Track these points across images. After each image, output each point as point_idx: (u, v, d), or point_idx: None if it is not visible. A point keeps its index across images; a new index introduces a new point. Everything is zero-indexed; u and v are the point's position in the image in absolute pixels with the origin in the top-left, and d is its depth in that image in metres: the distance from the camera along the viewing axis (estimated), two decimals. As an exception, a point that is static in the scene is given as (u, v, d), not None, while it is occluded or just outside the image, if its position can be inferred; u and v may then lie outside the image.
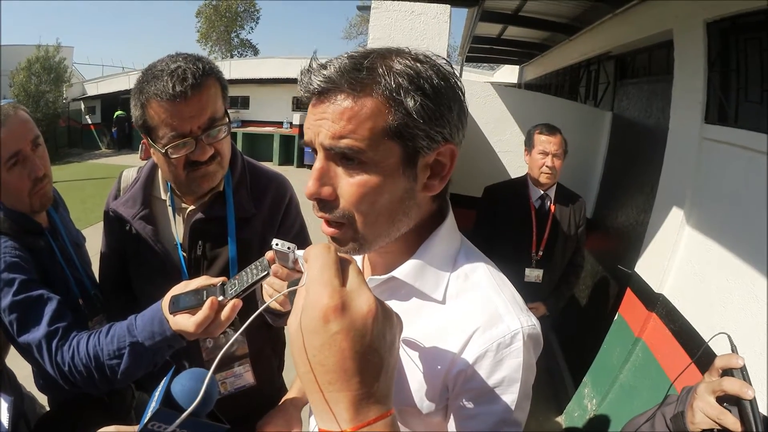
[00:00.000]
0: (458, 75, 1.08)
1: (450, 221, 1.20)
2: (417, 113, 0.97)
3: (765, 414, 1.41)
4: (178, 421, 1.06)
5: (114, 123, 31.84)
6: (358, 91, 0.97)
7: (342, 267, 0.81)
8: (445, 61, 1.06)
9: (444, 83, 1.01)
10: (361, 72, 0.97)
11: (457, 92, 1.05)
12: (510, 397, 1.07)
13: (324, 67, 1.00)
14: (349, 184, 1.01)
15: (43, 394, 2.21)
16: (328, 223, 1.08)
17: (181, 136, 1.77)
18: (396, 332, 0.84)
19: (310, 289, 0.78)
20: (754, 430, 1.26)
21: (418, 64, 1.00)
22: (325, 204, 1.05)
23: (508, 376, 1.06)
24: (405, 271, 1.14)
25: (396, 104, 0.97)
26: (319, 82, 0.99)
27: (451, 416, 1.14)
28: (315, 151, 1.05)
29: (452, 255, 1.18)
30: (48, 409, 2.28)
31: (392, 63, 0.99)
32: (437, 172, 1.07)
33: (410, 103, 0.97)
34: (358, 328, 0.74)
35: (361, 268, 1.34)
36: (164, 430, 1.20)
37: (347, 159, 1.00)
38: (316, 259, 0.80)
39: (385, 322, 0.79)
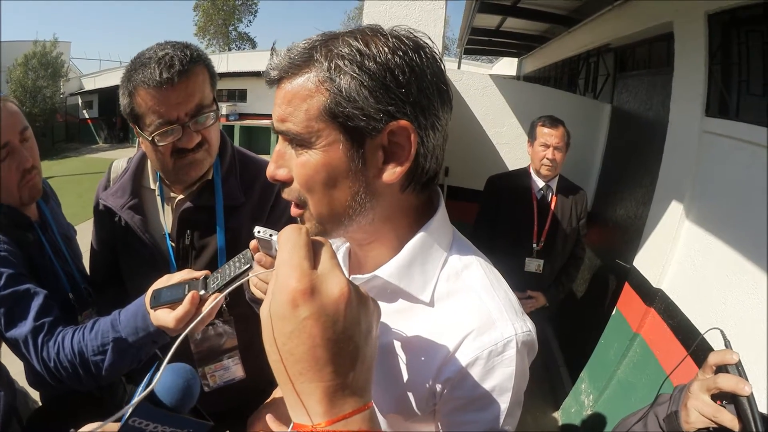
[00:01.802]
0: (432, 48, 1.02)
1: (441, 215, 1.13)
2: (349, 91, 0.92)
3: (766, 412, 1.37)
4: (133, 403, 1.02)
5: (118, 115, 32.22)
6: (295, 75, 0.96)
7: (315, 249, 0.77)
8: (419, 37, 1.00)
9: (399, 59, 0.94)
10: (300, 57, 0.96)
11: (420, 68, 0.96)
12: (501, 406, 1.02)
13: (276, 56, 1.00)
14: (296, 166, 0.98)
15: (35, 390, 2.18)
16: (293, 204, 1.05)
17: (168, 123, 1.75)
18: (373, 320, 0.80)
19: (279, 272, 0.74)
20: (753, 427, 1.22)
21: (371, 41, 0.95)
22: (284, 186, 1.03)
23: (499, 385, 1.02)
24: (389, 270, 1.07)
25: (330, 84, 0.93)
26: (271, 72, 1.00)
27: (439, 423, 1.10)
28: None
29: (442, 252, 1.11)
30: (40, 404, 2.25)
31: (335, 45, 0.95)
32: (396, 156, 0.98)
33: (343, 81, 0.92)
34: (329, 313, 0.70)
35: (346, 266, 1.30)
36: (146, 426, 1.17)
37: (294, 142, 0.98)
38: (286, 241, 0.77)
39: (359, 307, 0.75)
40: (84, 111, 36.31)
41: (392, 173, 0.98)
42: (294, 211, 1.05)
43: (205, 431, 1.32)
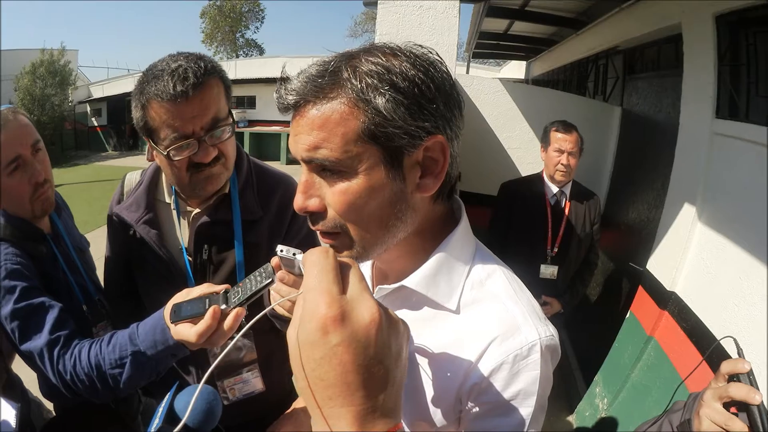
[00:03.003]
0: (445, 63, 1.01)
1: (464, 225, 1.14)
2: (388, 111, 0.91)
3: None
4: None
5: (127, 123, 32.37)
6: (323, 99, 0.93)
7: (342, 272, 0.77)
8: (428, 51, 1.00)
9: (423, 74, 0.94)
10: (324, 78, 0.93)
11: (440, 82, 0.98)
12: (526, 410, 1.02)
13: (292, 80, 0.97)
14: (333, 194, 0.96)
15: (48, 401, 2.19)
16: (323, 234, 1.03)
17: (184, 138, 1.72)
18: (402, 342, 0.79)
19: (307, 297, 0.74)
20: None
21: (391, 59, 0.95)
22: (316, 216, 1.01)
23: (525, 389, 1.02)
24: (416, 279, 1.08)
25: (365, 105, 0.91)
26: (288, 96, 0.96)
27: (463, 430, 1.09)
28: None
29: (466, 261, 1.12)
30: (54, 414, 2.26)
31: (359, 63, 0.94)
32: (430, 170, 1.00)
33: (380, 101, 0.91)
34: (360, 339, 0.70)
35: (371, 276, 1.29)
36: None
37: (327, 169, 0.96)
38: (313, 265, 0.76)
39: (390, 331, 0.75)
40: (93, 119, 36.50)
41: (428, 186, 1.00)
42: (324, 240, 1.04)
43: None
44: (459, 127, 1.03)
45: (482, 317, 1.06)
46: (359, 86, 0.91)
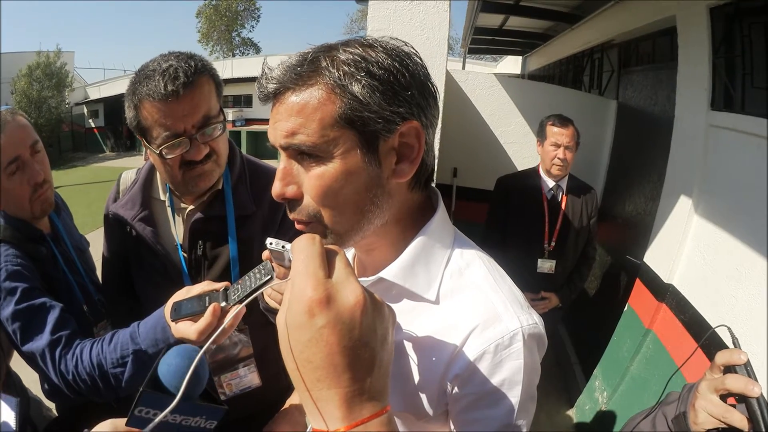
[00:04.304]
0: (419, 55, 1.05)
1: (441, 214, 1.15)
2: (364, 96, 0.94)
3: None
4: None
5: (124, 123, 32.42)
6: (302, 86, 0.96)
7: (329, 258, 0.78)
8: (403, 43, 1.03)
9: (398, 64, 0.98)
10: (303, 66, 0.96)
11: (414, 71, 1.01)
12: (512, 400, 1.03)
13: (273, 70, 1.00)
14: (309, 178, 0.99)
15: (50, 401, 2.19)
16: (298, 222, 1.05)
17: (175, 136, 1.74)
18: (388, 325, 0.80)
19: (294, 282, 0.75)
20: (764, 427, 1.20)
21: (368, 50, 0.98)
22: (294, 204, 1.03)
23: (509, 378, 1.02)
24: (393, 271, 1.09)
25: (342, 91, 0.94)
26: (268, 85, 0.99)
27: (452, 423, 1.10)
28: None
29: (445, 250, 1.13)
30: (55, 412, 2.26)
31: (337, 53, 0.97)
32: (406, 156, 1.02)
33: (356, 87, 0.94)
34: (345, 321, 0.71)
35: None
36: (154, 415, 1.12)
37: (305, 154, 0.98)
38: (300, 251, 0.78)
39: (375, 314, 0.76)
40: (90, 120, 36.45)
41: (404, 172, 1.02)
42: (299, 227, 1.05)
43: (219, 417, 1.26)
44: (434, 116, 1.06)
45: (462, 307, 1.07)
46: (337, 74, 0.94)
